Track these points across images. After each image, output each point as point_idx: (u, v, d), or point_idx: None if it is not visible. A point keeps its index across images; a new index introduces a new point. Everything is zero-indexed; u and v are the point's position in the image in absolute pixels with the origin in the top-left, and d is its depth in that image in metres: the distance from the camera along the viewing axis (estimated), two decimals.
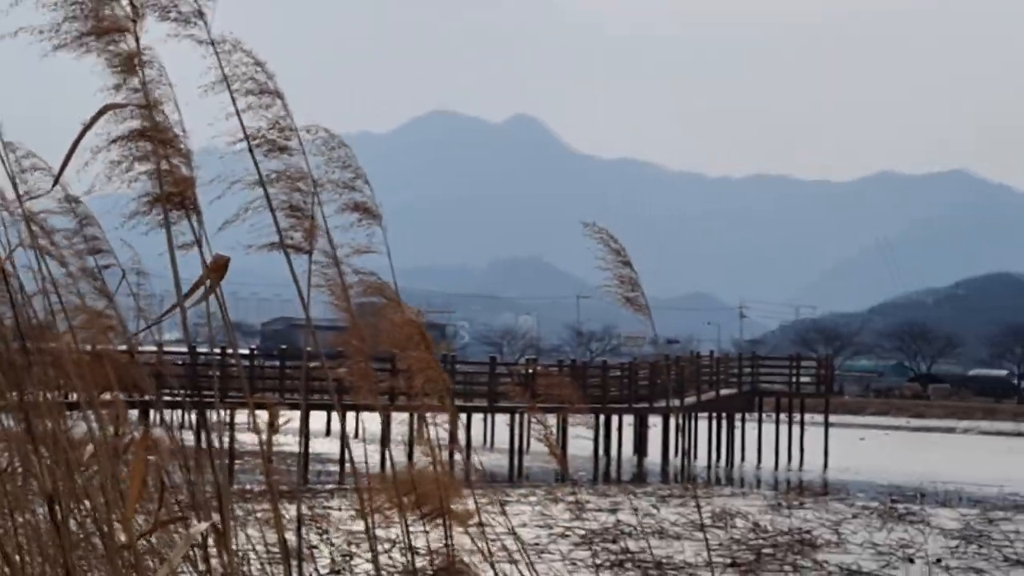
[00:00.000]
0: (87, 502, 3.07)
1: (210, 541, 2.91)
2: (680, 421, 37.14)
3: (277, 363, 36.48)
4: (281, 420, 4.32)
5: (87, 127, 2.71)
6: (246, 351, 34.87)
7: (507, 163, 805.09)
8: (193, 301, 2.82)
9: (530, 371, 40.53)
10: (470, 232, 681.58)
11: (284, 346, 39.23)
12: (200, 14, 2.74)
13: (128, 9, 2.73)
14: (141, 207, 2.85)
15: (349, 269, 3.14)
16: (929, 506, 22.76)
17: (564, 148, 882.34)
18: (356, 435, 24.09)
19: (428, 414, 3.47)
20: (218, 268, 2.76)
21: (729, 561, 14.49)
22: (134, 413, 3.11)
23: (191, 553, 3.05)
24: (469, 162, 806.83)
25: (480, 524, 3.57)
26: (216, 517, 2.87)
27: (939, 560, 15.47)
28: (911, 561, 15.36)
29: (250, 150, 2.83)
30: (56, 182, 3.03)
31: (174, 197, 2.76)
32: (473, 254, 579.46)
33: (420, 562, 3.57)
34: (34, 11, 2.76)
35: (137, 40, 2.76)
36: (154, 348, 3.67)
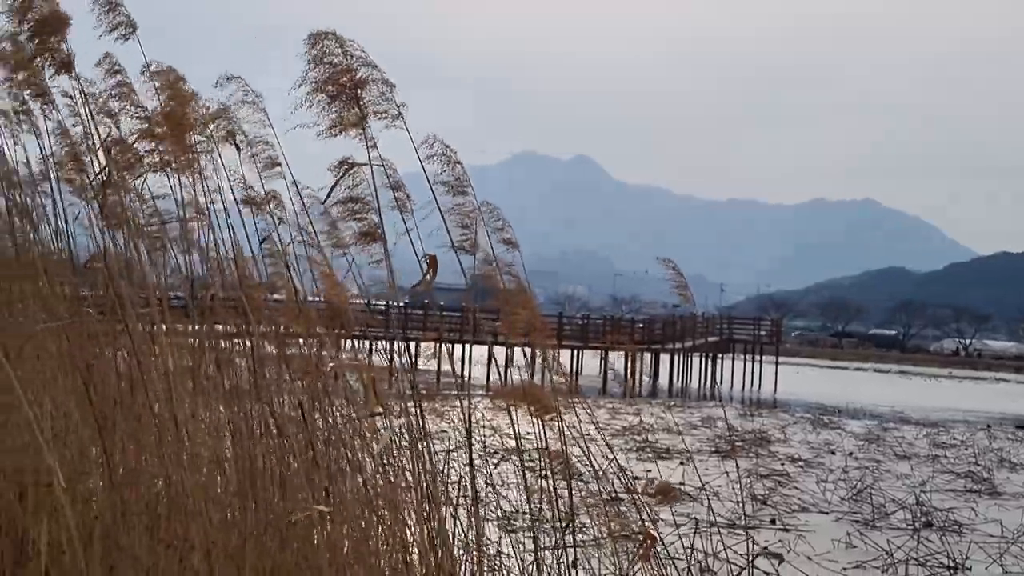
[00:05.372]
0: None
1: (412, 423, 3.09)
2: (681, 358, 36.79)
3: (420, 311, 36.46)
4: (429, 350, 4.23)
5: (339, 178, 2.96)
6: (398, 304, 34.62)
7: (570, 187, 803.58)
8: (421, 281, 3.04)
9: (584, 321, 40.55)
10: (546, 231, 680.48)
11: (426, 300, 39.07)
12: (400, 115, 2.92)
13: (358, 112, 2.90)
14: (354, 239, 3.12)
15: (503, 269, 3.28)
16: (844, 418, 22.26)
17: (608, 176, 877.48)
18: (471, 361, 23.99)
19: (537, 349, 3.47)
20: (433, 263, 3.02)
21: (713, 449, 14.25)
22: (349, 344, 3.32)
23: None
24: (546, 185, 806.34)
25: (557, 418, 3.47)
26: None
27: (851, 453, 15.11)
28: (833, 453, 15.02)
29: (434, 196, 3.02)
30: (324, 210, 3.22)
31: (366, 236, 3.05)
32: (546, 245, 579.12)
33: (513, 444, 3.47)
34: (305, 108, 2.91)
35: (365, 132, 2.93)
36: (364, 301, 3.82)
